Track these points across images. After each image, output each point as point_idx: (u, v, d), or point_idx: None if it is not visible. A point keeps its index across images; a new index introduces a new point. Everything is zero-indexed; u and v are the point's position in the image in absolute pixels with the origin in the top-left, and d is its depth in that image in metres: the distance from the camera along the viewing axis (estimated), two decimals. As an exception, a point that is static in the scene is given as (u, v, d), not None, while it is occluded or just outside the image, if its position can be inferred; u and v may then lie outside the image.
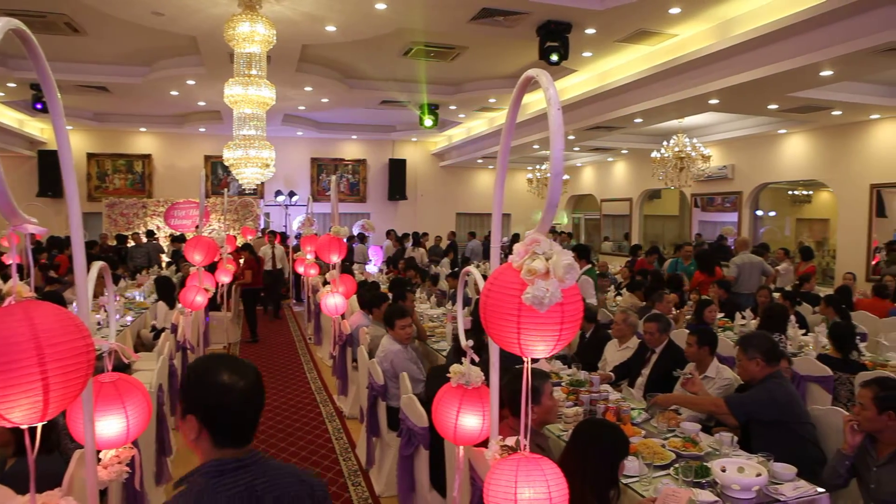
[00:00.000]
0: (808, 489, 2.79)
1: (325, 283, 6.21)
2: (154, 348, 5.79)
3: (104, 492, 2.48)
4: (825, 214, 14.05)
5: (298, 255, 8.78)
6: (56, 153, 1.66)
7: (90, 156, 15.07)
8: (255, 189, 14.61)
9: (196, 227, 13.47)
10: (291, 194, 15.89)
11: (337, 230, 5.86)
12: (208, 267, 6.09)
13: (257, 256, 10.37)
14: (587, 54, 8.54)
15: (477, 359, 2.32)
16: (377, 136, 16.48)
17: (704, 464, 2.93)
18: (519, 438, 1.71)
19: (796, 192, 14.64)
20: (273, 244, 11.55)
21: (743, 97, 8.08)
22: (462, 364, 2.36)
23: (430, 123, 12.13)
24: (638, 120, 9.88)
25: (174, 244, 12.59)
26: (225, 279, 7.77)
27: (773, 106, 8.83)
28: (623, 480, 2.80)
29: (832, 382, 4.70)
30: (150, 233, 13.31)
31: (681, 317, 6.77)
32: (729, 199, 12.88)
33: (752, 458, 3.01)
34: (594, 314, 5.87)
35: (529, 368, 1.59)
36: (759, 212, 12.71)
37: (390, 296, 6.42)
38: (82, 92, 11.15)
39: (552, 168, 1.42)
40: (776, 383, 3.50)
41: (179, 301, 5.94)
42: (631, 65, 8.74)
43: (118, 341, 2.20)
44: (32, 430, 1.41)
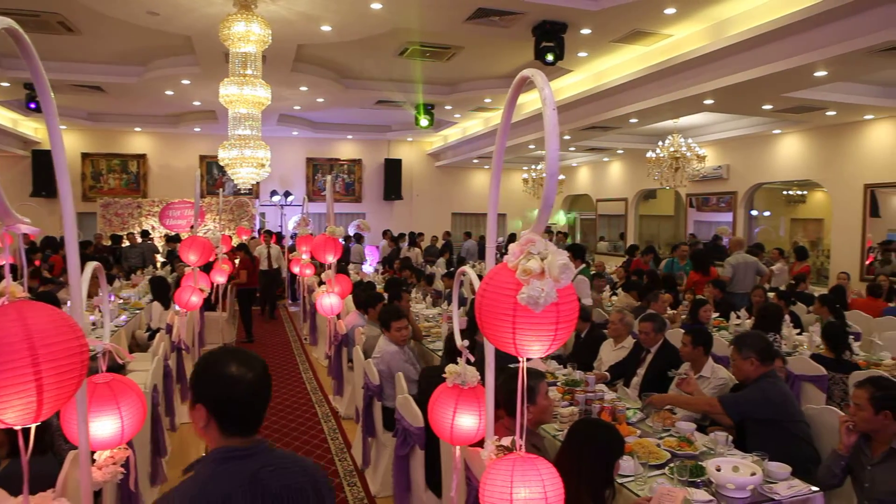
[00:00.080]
0: (803, 488, 2.80)
1: (321, 284, 6.20)
2: (149, 349, 5.77)
3: (98, 493, 2.47)
4: (819, 214, 14.10)
5: (294, 256, 8.76)
6: (50, 153, 1.65)
7: (85, 155, 15.02)
8: (251, 189, 14.56)
9: (191, 227, 13.41)
10: (287, 194, 15.86)
11: (332, 230, 5.85)
12: (203, 267, 6.07)
13: (252, 256, 10.35)
14: (583, 54, 8.56)
15: (472, 359, 2.32)
16: (373, 136, 16.46)
17: (699, 463, 2.93)
18: (515, 438, 1.71)
19: (791, 193, 14.69)
20: (269, 244, 11.53)
21: (737, 97, 8.11)
22: (455, 364, 2.36)
23: (426, 123, 12.13)
24: (633, 120, 9.90)
25: (169, 244, 12.56)
26: (220, 279, 7.75)
27: (768, 106, 8.86)
28: (618, 480, 2.81)
29: (826, 382, 4.72)
30: (145, 233, 13.27)
31: (676, 317, 6.78)
32: (724, 199, 12.92)
33: (747, 458, 3.02)
34: (588, 314, 5.88)
35: (525, 368, 1.59)
36: (754, 212, 12.75)
37: (386, 296, 6.41)
38: (77, 91, 11.10)
39: (547, 168, 1.42)
40: (770, 383, 3.51)
41: (174, 301, 5.92)
42: (626, 65, 8.76)
43: (113, 342, 2.20)
44: (26, 431, 1.40)
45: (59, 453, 2.71)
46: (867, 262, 9.81)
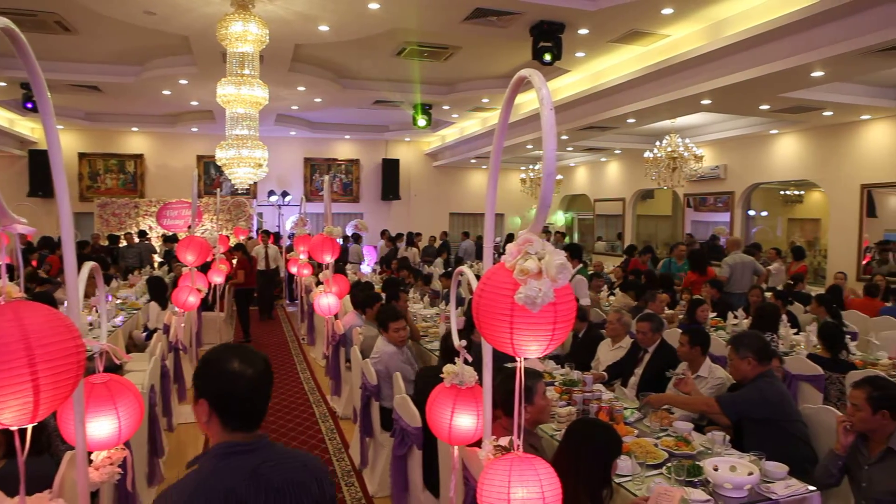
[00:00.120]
0: (800, 487, 2.81)
1: (319, 284, 6.20)
2: (146, 349, 5.76)
3: (95, 493, 2.47)
4: (816, 214, 14.13)
5: (291, 256, 8.75)
6: (47, 153, 1.65)
7: (82, 155, 14.98)
8: (248, 189, 14.53)
9: (188, 228, 13.39)
10: (284, 194, 15.84)
11: (330, 230, 5.85)
12: (201, 267, 6.06)
13: (250, 256, 10.34)
14: (580, 54, 8.56)
15: (470, 359, 2.32)
16: (370, 136, 16.45)
17: (697, 463, 2.94)
18: (512, 438, 1.71)
19: (788, 193, 14.72)
20: (266, 244, 11.52)
21: (735, 97, 8.12)
22: (451, 364, 2.36)
23: (424, 123, 12.13)
24: (631, 120, 9.91)
25: (166, 244, 12.53)
26: (218, 279, 7.75)
27: (765, 106, 8.88)
28: (616, 480, 2.81)
29: (823, 381, 4.73)
30: (143, 233, 13.25)
31: (673, 317, 6.79)
32: (721, 199, 12.94)
33: (744, 457, 3.03)
34: (585, 314, 5.89)
35: (522, 368, 1.59)
36: (751, 212, 12.77)
37: (383, 296, 6.41)
38: (74, 91, 11.08)
39: (545, 168, 1.42)
40: (767, 382, 3.52)
41: (172, 301, 5.91)
42: (624, 65, 8.76)
43: (110, 342, 2.19)
44: (22, 432, 1.40)
45: (56, 454, 2.71)
46: (864, 262, 9.83)
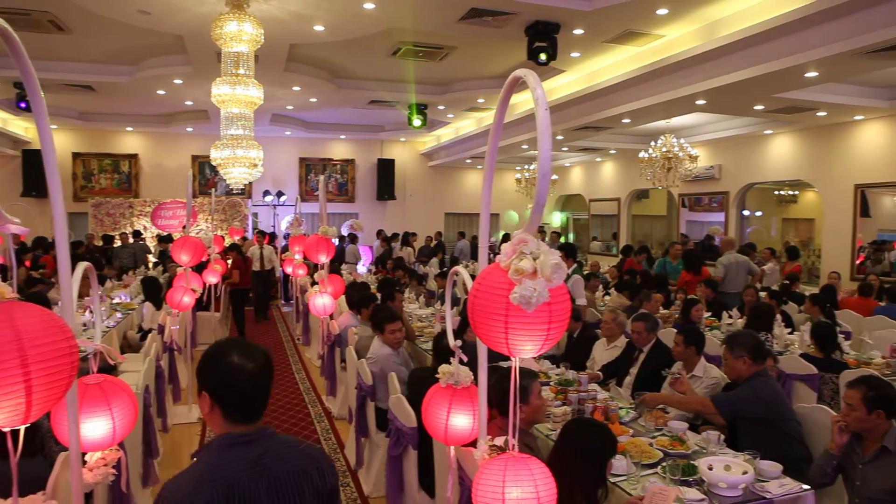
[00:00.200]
0: (794, 486, 2.82)
1: (314, 284, 6.19)
2: (140, 349, 5.74)
3: (90, 494, 2.46)
4: (811, 214, 14.19)
5: (287, 256, 8.74)
6: (40, 152, 1.64)
7: (76, 155, 14.91)
8: (243, 189, 14.52)
9: (183, 228, 13.36)
10: (279, 194, 15.81)
11: (325, 230, 5.84)
12: (195, 267, 6.05)
13: (245, 256, 10.32)
14: (575, 55, 8.57)
15: (465, 359, 2.32)
16: (366, 136, 16.43)
17: (691, 462, 2.95)
18: (507, 438, 1.71)
19: (782, 193, 14.77)
20: (262, 244, 11.50)
21: (729, 98, 8.14)
22: (444, 363, 2.36)
23: (419, 123, 12.12)
24: (626, 120, 9.93)
25: (161, 244, 12.49)
26: (213, 279, 7.73)
27: (760, 106, 8.91)
28: (611, 479, 2.82)
29: (817, 381, 4.75)
30: (137, 233, 13.20)
31: (668, 316, 6.81)
32: (716, 199, 12.98)
33: (739, 456, 3.04)
34: (580, 314, 5.89)
35: (517, 367, 1.59)
36: (746, 212, 12.81)
37: (379, 296, 6.40)
38: (68, 91, 11.03)
39: (540, 168, 1.42)
40: (762, 381, 3.53)
41: (166, 302, 5.90)
42: (619, 65, 8.78)
43: (104, 342, 2.18)
44: (15, 433, 1.39)
45: (50, 455, 2.70)
46: (858, 262, 9.88)
